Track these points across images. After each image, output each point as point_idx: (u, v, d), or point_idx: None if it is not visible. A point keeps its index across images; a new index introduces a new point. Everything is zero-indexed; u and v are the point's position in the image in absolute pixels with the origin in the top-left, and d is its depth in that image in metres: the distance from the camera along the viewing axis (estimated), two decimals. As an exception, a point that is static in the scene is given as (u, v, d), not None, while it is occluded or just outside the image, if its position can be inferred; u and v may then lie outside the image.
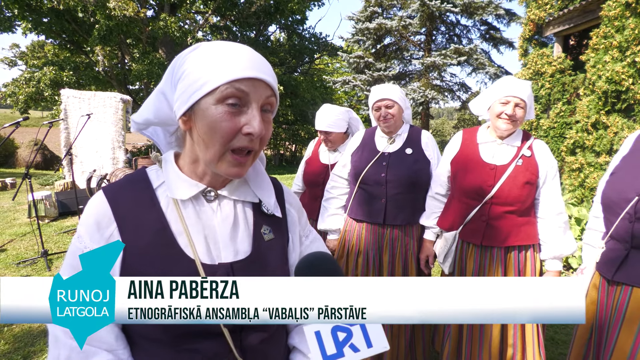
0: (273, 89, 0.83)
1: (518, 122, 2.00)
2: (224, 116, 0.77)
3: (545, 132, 7.79)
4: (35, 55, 17.73)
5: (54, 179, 10.49)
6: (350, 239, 2.50)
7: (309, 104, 18.25)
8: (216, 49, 0.80)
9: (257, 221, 0.93)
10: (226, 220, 0.89)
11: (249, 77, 0.77)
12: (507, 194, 1.98)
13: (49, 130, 5.13)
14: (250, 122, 0.78)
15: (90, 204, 0.85)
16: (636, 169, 1.56)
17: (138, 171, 0.92)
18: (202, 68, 0.78)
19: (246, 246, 0.90)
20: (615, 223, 1.57)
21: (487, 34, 15.63)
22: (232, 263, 0.87)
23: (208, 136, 0.79)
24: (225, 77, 0.76)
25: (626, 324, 1.51)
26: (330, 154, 2.90)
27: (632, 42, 5.58)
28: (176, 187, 0.87)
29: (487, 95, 2.11)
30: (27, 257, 4.80)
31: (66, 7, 12.41)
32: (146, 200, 0.86)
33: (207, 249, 0.86)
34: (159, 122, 0.90)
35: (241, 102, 0.78)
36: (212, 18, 16.43)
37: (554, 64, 7.87)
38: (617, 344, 1.53)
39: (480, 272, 2.09)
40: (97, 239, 0.81)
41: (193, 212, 0.87)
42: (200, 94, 0.78)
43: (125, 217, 0.83)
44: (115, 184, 0.89)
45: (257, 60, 0.81)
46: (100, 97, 8.80)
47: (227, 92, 0.77)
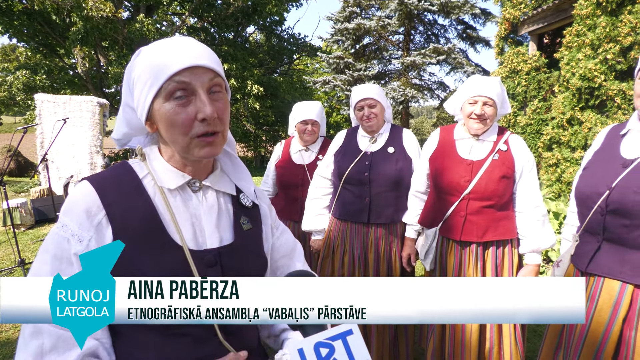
0: (215, 71, 0.85)
1: (489, 120, 2.03)
2: (175, 110, 0.82)
3: (522, 129, 7.96)
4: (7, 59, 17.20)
5: (29, 186, 10.19)
6: (335, 239, 2.51)
7: (289, 105, 18.21)
8: (155, 50, 0.84)
9: (236, 212, 0.99)
10: (211, 210, 0.94)
11: (186, 66, 0.81)
12: (484, 189, 2.01)
13: (24, 136, 4.99)
14: (200, 108, 0.82)
15: (75, 193, 0.85)
16: (607, 164, 1.60)
17: (120, 164, 0.93)
18: (146, 71, 0.83)
19: (228, 234, 0.95)
20: (588, 216, 1.61)
21: (464, 33, 15.86)
22: (218, 248, 0.91)
23: (170, 132, 0.85)
24: (165, 73, 0.80)
25: (597, 313, 1.56)
26: (303, 153, 2.87)
27: (604, 40, 5.74)
28: (164, 177, 0.91)
29: (457, 96, 2.14)
30: (3, 267, 4.66)
31: (40, 7, 12.08)
32: (133, 189, 0.88)
33: (193, 236, 0.90)
34: (135, 131, 0.95)
35: (187, 92, 0.82)
36: (190, 19, 16.25)
37: (529, 62, 8.06)
38: (588, 332, 1.58)
39: (460, 268, 2.11)
40: (87, 226, 0.81)
41: (181, 201, 0.91)
42: (151, 97, 0.83)
43: (113, 205, 0.84)
44: (99, 174, 0.90)
45: (193, 49, 0.83)
46: (76, 101, 8.60)
47: (170, 87, 0.81)
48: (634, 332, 1.47)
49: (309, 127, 2.77)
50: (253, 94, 15.51)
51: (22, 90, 14.68)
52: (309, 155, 2.86)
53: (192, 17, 16.49)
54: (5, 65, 16.86)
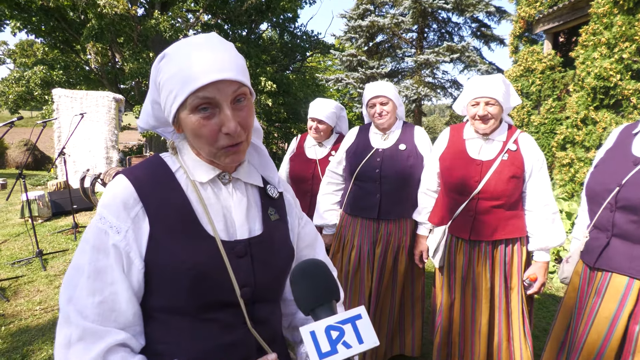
0: (239, 81, 0.85)
1: (494, 119, 2.03)
2: (200, 122, 0.84)
3: (536, 128, 7.89)
4: (25, 54, 17.50)
5: (46, 179, 10.41)
6: (345, 234, 2.55)
7: (301, 102, 18.24)
8: (179, 57, 0.83)
9: (264, 203, 1.01)
10: (241, 202, 0.96)
11: (211, 81, 0.81)
12: (494, 189, 2.02)
13: (43, 130, 5.11)
14: (224, 123, 0.84)
15: (112, 187, 0.88)
16: (618, 161, 1.62)
17: (153, 157, 0.97)
18: (171, 79, 0.83)
19: (257, 225, 0.98)
20: (598, 213, 1.63)
21: (479, 31, 15.71)
22: (248, 240, 0.94)
23: (195, 141, 0.88)
24: (188, 88, 0.81)
25: (603, 307, 1.58)
26: (317, 148, 2.92)
27: (620, 39, 5.67)
28: (196, 171, 0.93)
29: (462, 97, 2.16)
30: (21, 257, 4.79)
31: (56, 5, 12.28)
32: (167, 181, 0.91)
33: (225, 227, 0.92)
34: (162, 125, 0.98)
35: (211, 106, 0.83)
36: (204, 16, 16.34)
37: (544, 61, 7.97)
38: (592, 326, 1.59)
39: (469, 266, 2.14)
40: (124, 218, 0.84)
41: (212, 194, 0.93)
42: (175, 107, 0.85)
43: (149, 197, 0.87)
44: (133, 167, 0.93)
45: (218, 58, 0.83)
46: (93, 96, 8.75)
47: (194, 103, 0.82)
48: (638, 327, 1.48)
49: (315, 124, 2.81)
50: (266, 91, 15.56)
51: (40, 85, 14.94)
52: (322, 151, 2.90)
53: (206, 14, 16.59)
54: (24, 61, 17.16)
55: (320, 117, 2.77)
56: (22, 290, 3.94)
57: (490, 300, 2.11)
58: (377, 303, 2.46)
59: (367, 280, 2.46)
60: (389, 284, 2.47)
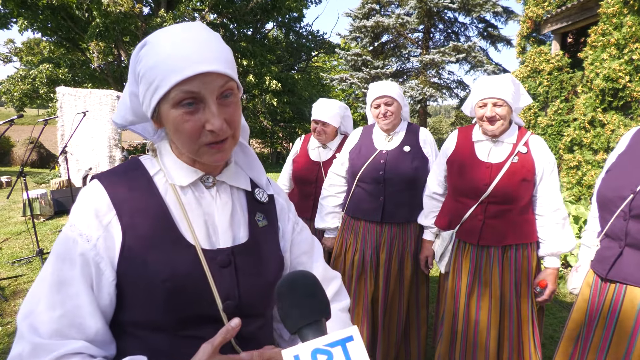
0: (227, 75, 0.78)
1: (503, 120, 1.96)
2: (183, 118, 0.77)
3: (543, 130, 7.80)
4: (31, 52, 17.59)
5: (50, 177, 10.42)
6: (347, 238, 2.48)
7: (306, 101, 18.22)
8: (162, 45, 0.76)
9: (251, 208, 0.94)
10: (225, 207, 0.89)
11: (196, 73, 0.74)
12: (504, 193, 1.96)
13: (44, 127, 5.08)
14: (209, 119, 0.77)
15: (85, 193, 0.83)
16: (631, 167, 1.54)
17: (131, 160, 0.91)
18: (152, 69, 0.76)
19: (242, 232, 0.91)
20: (610, 221, 1.56)
21: (485, 32, 15.60)
22: (232, 248, 0.87)
23: (176, 137, 0.81)
24: (171, 80, 0.74)
25: (620, 323, 1.49)
26: (321, 150, 2.85)
27: (630, 40, 5.57)
28: (175, 174, 0.87)
29: (470, 99, 2.10)
30: (22, 256, 4.76)
31: (60, 2, 12.30)
32: (144, 186, 0.85)
33: (206, 235, 0.86)
34: (141, 120, 0.90)
35: (196, 100, 0.76)
36: (209, 15, 16.35)
37: (551, 62, 7.87)
38: (611, 343, 1.51)
39: (476, 272, 2.07)
40: (95, 226, 0.79)
41: (193, 199, 0.87)
42: (156, 100, 0.78)
43: (124, 203, 0.81)
44: (108, 172, 0.87)
45: (204, 48, 0.76)
46: (96, 94, 8.73)
47: (177, 97, 0.75)
48: None
49: (319, 126, 2.75)
50: (271, 90, 15.55)
51: (45, 83, 14.99)
52: (326, 153, 2.84)
53: (211, 13, 16.60)
54: (30, 59, 17.24)
55: (324, 119, 2.71)
56: (21, 289, 3.90)
57: (500, 310, 2.04)
58: (384, 310, 2.40)
59: (370, 285, 2.40)
60: (396, 290, 2.41)
